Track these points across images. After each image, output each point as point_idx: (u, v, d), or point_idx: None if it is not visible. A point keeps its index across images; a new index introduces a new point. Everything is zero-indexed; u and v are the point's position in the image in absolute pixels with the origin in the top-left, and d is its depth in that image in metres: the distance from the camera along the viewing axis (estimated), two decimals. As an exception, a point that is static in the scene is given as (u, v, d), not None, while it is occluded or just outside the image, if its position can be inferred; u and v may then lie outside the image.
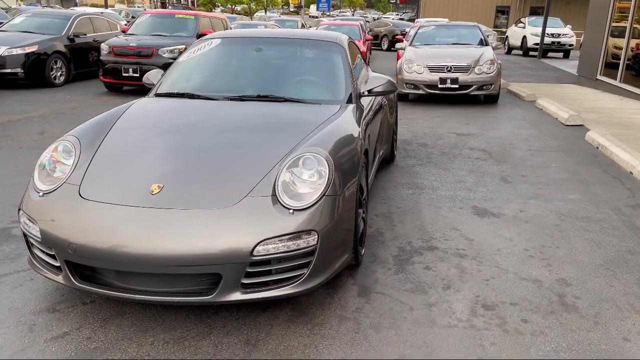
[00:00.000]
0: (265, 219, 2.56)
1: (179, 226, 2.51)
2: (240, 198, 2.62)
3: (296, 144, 2.99)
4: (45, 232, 2.62)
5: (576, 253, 3.56)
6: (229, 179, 2.77)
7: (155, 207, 2.58)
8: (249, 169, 2.82)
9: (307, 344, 2.56)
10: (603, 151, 6.10)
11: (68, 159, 2.97)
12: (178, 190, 2.68)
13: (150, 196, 2.63)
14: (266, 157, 2.91)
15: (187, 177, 2.77)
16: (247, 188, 2.68)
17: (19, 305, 2.87)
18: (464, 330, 2.68)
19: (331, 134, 3.14)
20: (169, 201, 2.61)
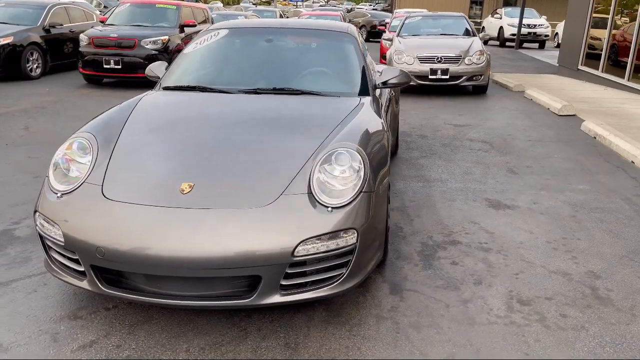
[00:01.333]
0: (304, 218, 2.46)
1: (215, 227, 2.39)
2: (275, 196, 2.51)
3: (324, 139, 2.88)
4: (69, 236, 2.46)
5: (598, 244, 3.56)
6: (261, 177, 2.64)
7: (188, 207, 2.44)
8: (279, 166, 2.71)
9: (348, 346, 2.48)
10: (601, 141, 6.16)
11: (83, 157, 2.81)
12: (209, 189, 2.55)
13: (181, 195, 2.49)
14: (295, 153, 2.80)
15: (217, 175, 2.63)
16: (281, 186, 2.57)
17: (36, 312, 2.71)
18: (505, 327, 2.63)
19: (358, 128, 3.04)
20: (201, 201, 2.48)
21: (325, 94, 3.58)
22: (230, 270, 2.36)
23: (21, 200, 4.18)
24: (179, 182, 2.56)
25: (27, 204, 4.11)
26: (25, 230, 3.65)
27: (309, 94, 3.55)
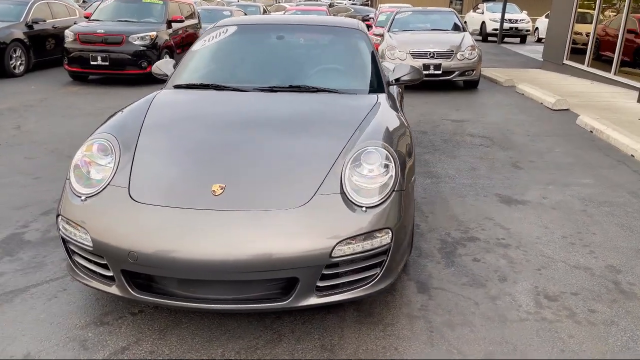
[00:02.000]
0: (339, 218, 2.42)
1: (251, 229, 2.34)
2: (309, 197, 2.47)
3: (349, 138, 2.85)
4: (98, 241, 2.39)
5: (613, 239, 3.60)
6: (292, 177, 2.60)
7: (222, 209, 2.39)
8: (309, 166, 2.67)
9: (385, 346, 2.46)
10: (599, 135, 6.24)
11: (104, 158, 2.73)
12: (241, 190, 2.50)
13: (214, 197, 2.44)
14: (323, 152, 2.76)
15: (247, 176, 2.58)
16: (313, 186, 2.53)
17: (60, 319, 2.64)
18: (536, 324, 2.65)
19: (382, 126, 3.02)
20: (234, 202, 2.43)
21: (342, 91, 3.54)
22: (267, 273, 2.31)
23: (24, 203, 4.07)
24: (210, 184, 2.50)
25: (31, 206, 4.00)
26: (34, 234, 3.55)
27: (325, 91, 3.51)
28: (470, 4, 35.75)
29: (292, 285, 2.38)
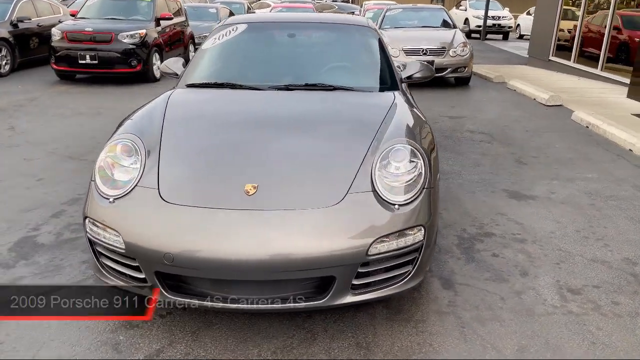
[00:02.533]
0: (373, 217, 2.43)
1: (287, 228, 2.34)
2: (342, 195, 2.46)
3: (374, 135, 2.85)
4: (131, 243, 2.35)
5: (625, 232, 3.67)
6: (322, 175, 2.60)
7: (257, 209, 2.38)
8: (337, 164, 2.67)
9: (419, 343, 2.48)
10: (595, 130, 6.35)
11: (128, 159, 2.69)
12: (274, 189, 2.48)
13: (248, 197, 2.42)
14: (349, 150, 2.76)
15: (278, 175, 2.57)
16: (345, 184, 2.52)
17: (88, 323, 2.60)
18: (564, 317, 2.69)
19: (405, 123, 3.03)
20: (269, 201, 2.41)
21: (358, 89, 3.54)
22: (305, 272, 2.31)
23: (31, 205, 3.99)
24: (243, 183, 2.48)
25: (38, 208, 3.93)
26: (47, 237, 3.49)
27: (341, 89, 3.51)
28: (452, 1, 35.99)
29: (327, 284, 2.38)
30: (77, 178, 4.58)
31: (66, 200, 4.09)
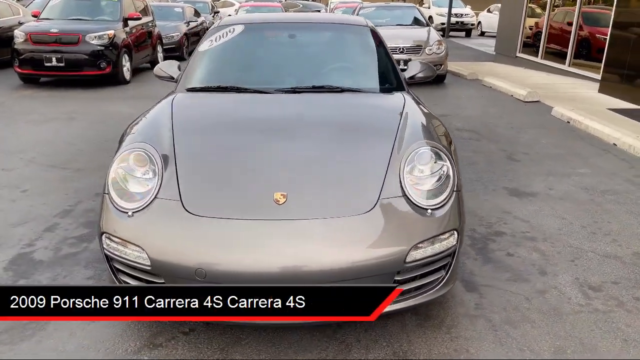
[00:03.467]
0: (408, 222, 2.37)
1: (323, 237, 2.25)
2: (373, 202, 2.39)
3: (394, 138, 2.78)
4: (158, 260, 2.22)
5: (629, 226, 3.73)
6: (349, 182, 2.52)
7: (289, 219, 2.28)
8: (363, 169, 2.60)
9: (456, 349, 2.44)
10: (577, 125, 6.48)
11: (141, 169, 2.55)
12: (304, 197, 2.39)
13: (279, 206, 2.32)
14: (372, 154, 2.69)
15: (306, 183, 2.48)
16: (374, 190, 2.45)
17: (107, 345, 2.45)
18: (591, 315, 2.70)
19: (423, 125, 2.99)
20: (300, 211, 2.32)
21: (365, 90, 3.48)
22: (342, 284, 2.23)
23: (20, 219, 3.76)
24: (271, 192, 2.38)
25: (28, 222, 3.71)
26: (44, 252, 3.29)
27: (348, 91, 3.43)
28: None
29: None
30: (64, 188, 4.36)
31: (57, 212, 3.88)
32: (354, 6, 13.51)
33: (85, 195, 4.20)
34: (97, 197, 4.15)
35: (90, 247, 3.36)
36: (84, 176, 4.66)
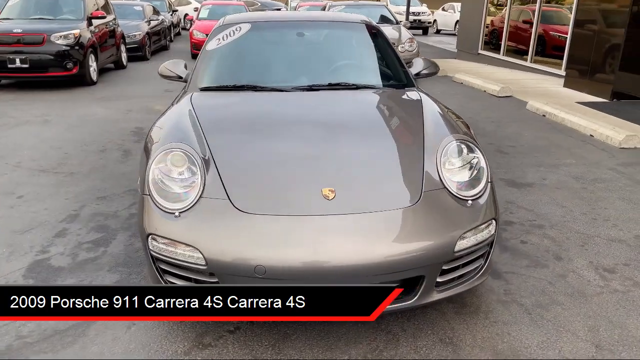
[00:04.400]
0: (452, 213, 2.45)
1: (376, 231, 2.30)
2: (418, 194, 2.46)
3: (422, 132, 2.87)
4: (215, 259, 2.22)
5: (624, 211, 3.96)
6: (391, 175, 2.59)
7: (341, 213, 2.32)
8: (400, 163, 2.67)
9: (498, 333, 2.54)
10: (553, 118, 6.77)
11: (177, 169, 2.53)
12: (352, 192, 2.43)
13: (329, 202, 2.35)
14: (406, 148, 2.78)
15: (351, 178, 2.52)
16: (416, 183, 2.53)
17: (155, 347, 2.42)
18: (613, 295, 2.86)
19: (446, 119, 3.09)
20: (350, 205, 2.36)
21: (379, 87, 3.56)
22: (397, 274, 2.29)
23: (25, 226, 3.64)
24: (319, 188, 2.41)
25: (34, 229, 3.59)
26: (62, 259, 3.20)
27: (364, 87, 3.50)
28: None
29: (412, 284, 2.37)
30: (63, 193, 4.23)
31: (63, 217, 3.77)
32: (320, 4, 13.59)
33: (88, 199, 4.10)
34: (101, 201, 4.07)
35: (109, 251, 3.29)
36: (80, 180, 4.53)
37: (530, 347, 2.44)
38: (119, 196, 4.19)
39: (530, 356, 2.38)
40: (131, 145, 5.59)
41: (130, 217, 3.78)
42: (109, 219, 3.75)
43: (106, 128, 6.34)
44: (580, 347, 2.44)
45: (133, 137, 5.96)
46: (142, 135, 5.94)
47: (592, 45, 8.34)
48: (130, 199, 4.11)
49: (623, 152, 5.46)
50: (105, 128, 6.35)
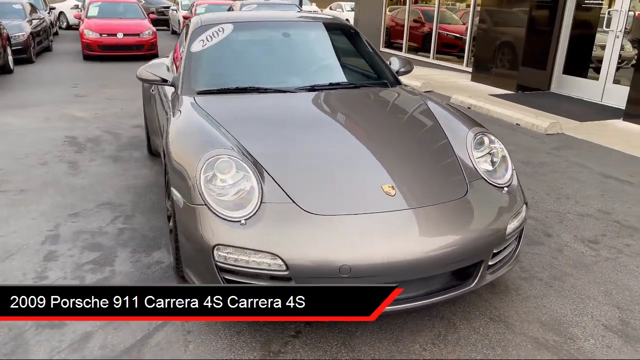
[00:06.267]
0: (497, 201, 2.64)
1: (441, 223, 2.42)
2: (465, 185, 2.62)
3: (439, 126, 3.05)
4: (296, 263, 2.20)
5: (579, 190, 4.45)
6: (434, 169, 2.73)
7: (406, 208, 2.40)
8: (435, 156, 2.83)
9: (535, 306, 2.77)
10: (478, 110, 7.33)
11: (223, 176, 2.45)
12: (408, 187, 2.52)
13: (392, 198, 2.43)
14: (434, 142, 2.93)
15: (404, 173, 2.61)
16: (459, 174, 2.69)
17: (224, 355, 2.33)
18: (607, 263, 3.24)
19: (454, 112, 3.29)
20: (412, 200, 2.46)
21: (375, 85, 3.68)
22: (467, 260, 2.43)
23: (3, 253, 3.25)
24: (378, 186, 2.47)
25: (15, 254, 3.24)
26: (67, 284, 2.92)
27: (361, 86, 3.61)
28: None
29: (472, 269, 2.52)
30: (24, 213, 3.83)
31: (42, 239, 3.43)
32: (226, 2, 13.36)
33: (59, 217, 3.75)
34: (75, 218, 3.76)
35: (117, 270, 3.06)
36: (37, 197, 4.11)
37: (567, 316, 2.70)
38: (93, 212, 3.88)
39: (571, 323, 2.64)
40: (73, 157, 5.16)
41: (120, 233, 3.53)
42: (97, 237, 3.47)
43: (32, 139, 5.77)
44: (607, 311, 2.75)
45: (70, 147, 5.49)
46: (77, 145, 5.52)
47: (496, 44, 9.14)
48: (108, 214, 3.83)
49: (550, 137, 6.10)
50: (30, 139, 5.78)
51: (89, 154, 5.29)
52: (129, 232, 3.55)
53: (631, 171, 4.94)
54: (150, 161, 5.06)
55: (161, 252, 3.26)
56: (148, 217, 3.78)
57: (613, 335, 2.55)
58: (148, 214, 3.85)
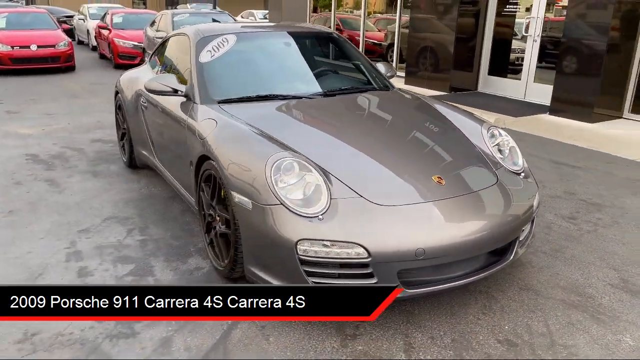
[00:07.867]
0: (520, 185, 3.03)
1: (489, 207, 2.76)
2: (494, 173, 2.98)
3: (450, 121, 3.42)
4: (379, 251, 2.42)
5: (544, 175, 5.00)
6: (464, 160, 3.06)
7: (457, 195, 2.71)
8: (459, 149, 3.17)
9: (553, 275, 3.17)
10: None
11: (287, 176, 2.63)
12: (452, 176, 2.84)
13: (443, 187, 2.73)
14: (454, 136, 3.28)
15: (443, 165, 2.92)
16: (485, 163, 3.05)
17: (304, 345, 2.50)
18: (590, 234, 3.75)
19: (455, 109, 3.67)
20: (459, 188, 2.77)
21: (378, 89, 3.98)
22: (508, 238, 2.78)
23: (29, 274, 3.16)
24: (429, 176, 2.77)
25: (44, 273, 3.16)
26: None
27: (366, 91, 3.89)
28: (154, 5, 35.75)
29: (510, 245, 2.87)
30: (28, 233, 3.73)
31: (63, 257, 3.36)
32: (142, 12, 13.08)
33: (70, 234, 3.67)
34: (88, 234, 3.73)
35: (160, 278, 3.09)
36: (31, 217, 3.97)
37: (579, 280, 3.15)
38: (102, 226, 3.83)
39: (585, 286, 3.08)
40: (48, 174, 4.97)
41: (143, 244, 3.53)
42: (122, 250, 3.46)
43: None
44: (607, 272, 3.23)
45: (36, 165, 5.27)
46: (44, 163, 5.32)
47: (428, 49, 9.82)
48: (120, 228, 3.80)
49: (497, 132, 6.73)
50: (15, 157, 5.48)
51: (62, 170, 5.11)
52: (152, 242, 3.56)
53: (575, 157, 5.64)
54: (134, 174, 4.99)
55: (195, 259, 3.33)
56: (164, 228, 3.79)
57: (620, 292, 3.03)
58: (162, 224, 3.86)
